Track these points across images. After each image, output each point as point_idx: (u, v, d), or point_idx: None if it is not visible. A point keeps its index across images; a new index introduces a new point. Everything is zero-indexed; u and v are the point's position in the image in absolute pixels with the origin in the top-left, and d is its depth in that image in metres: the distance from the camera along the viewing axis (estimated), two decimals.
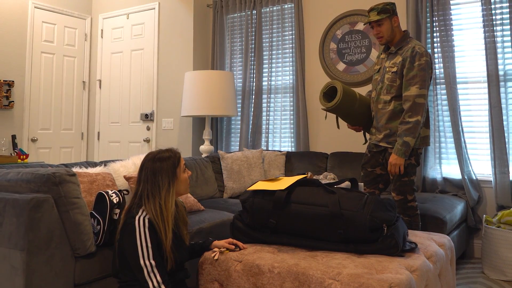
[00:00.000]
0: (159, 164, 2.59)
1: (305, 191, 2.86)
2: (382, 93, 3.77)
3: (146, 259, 2.40)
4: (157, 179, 2.56)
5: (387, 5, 3.71)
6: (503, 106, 4.64)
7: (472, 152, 4.90)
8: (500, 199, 4.60)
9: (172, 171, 2.61)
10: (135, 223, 2.43)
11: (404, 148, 3.51)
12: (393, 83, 3.70)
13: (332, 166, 5.16)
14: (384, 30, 3.74)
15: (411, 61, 3.59)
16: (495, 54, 4.65)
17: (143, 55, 6.86)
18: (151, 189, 2.54)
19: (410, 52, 3.61)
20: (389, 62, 3.77)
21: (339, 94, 3.68)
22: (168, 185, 2.57)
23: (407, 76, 3.60)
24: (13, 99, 6.40)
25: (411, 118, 3.52)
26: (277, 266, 2.52)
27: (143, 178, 2.58)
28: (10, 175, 2.73)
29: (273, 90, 6.11)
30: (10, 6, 6.40)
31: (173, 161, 2.64)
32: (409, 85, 3.57)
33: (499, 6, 4.67)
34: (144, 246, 2.41)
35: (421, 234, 3.10)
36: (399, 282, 2.23)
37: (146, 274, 2.38)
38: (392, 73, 3.70)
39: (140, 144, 6.82)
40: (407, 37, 3.77)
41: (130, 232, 2.43)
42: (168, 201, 2.55)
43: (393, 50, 3.77)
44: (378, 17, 3.69)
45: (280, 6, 6.03)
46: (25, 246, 2.43)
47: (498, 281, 4.05)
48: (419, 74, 3.56)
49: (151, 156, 2.64)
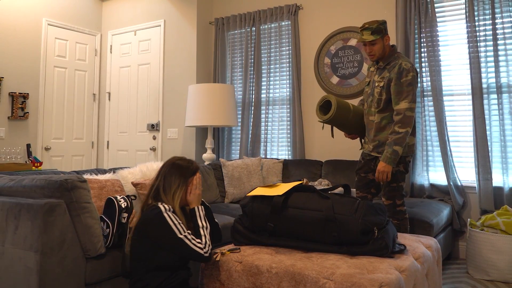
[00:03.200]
0: (175, 168, 2.72)
1: (301, 196, 2.86)
2: (372, 105, 3.77)
3: (181, 232, 2.52)
4: (170, 178, 2.69)
5: (380, 24, 3.64)
6: (486, 117, 4.66)
7: (457, 160, 4.90)
8: (484, 204, 4.61)
9: (184, 177, 2.72)
10: (162, 210, 2.54)
11: (393, 157, 3.51)
12: (381, 97, 3.69)
13: (326, 173, 5.17)
14: (376, 49, 3.68)
15: (398, 77, 3.56)
16: (478, 68, 4.67)
17: (150, 69, 6.88)
18: (164, 185, 2.69)
19: (397, 68, 3.59)
20: (378, 77, 3.75)
21: (333, 108, 3.69)
22: (177, 187, 2.68)
23: (395, 92, 3.58)
24: (28, 110, 6.41)
25: (401, 129, 3.51)
26: (275, 266, 2.52)
27: (160, 174, 2.74)
28: (25, 182, 2.74)
29: (271, 102, 6.13)
30: (25, 23, 6.43)
31: (188, 170, 2.75)
32: (399, 100, 3.56)
33: (483, 23, 4.70)
34: (177, 223, 2.53)
35: (410, 236, 3.10)
36: (389, 282, 2.23)
37: (188, 242, 2.51)
38: (380, 87, 3.70)
39: (146, 153, 6.82)
40: (395, 52, 3.73)
41: (160, 218, 2.52)
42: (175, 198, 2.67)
43: (382, 66, 3.74)
44: (372, 38, 3.62)
45: (277, 23, 6.05)
46: (39, 248, 2.43)
47: (482, 280, 4.05)
48: (406, 89, 3.54)
49: (172, 160, 2.79)
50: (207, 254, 2.55)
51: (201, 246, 2.53)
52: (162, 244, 2.52)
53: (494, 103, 4.65)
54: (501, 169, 4.60)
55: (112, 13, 7.40)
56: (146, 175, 4.01)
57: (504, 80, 4.59)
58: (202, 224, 2.66)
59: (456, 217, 4.75)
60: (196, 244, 2.53)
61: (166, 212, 2.55)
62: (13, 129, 6.24)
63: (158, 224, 2.52)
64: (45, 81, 6.68)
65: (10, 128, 6.20)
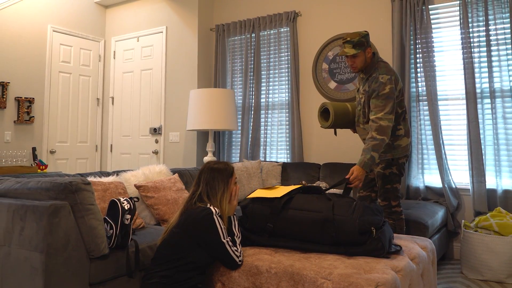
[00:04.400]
0: (216, 172, 2.79)
1: (301, 198, 2.88)
2: (360, 115, 3.73)
3: (224, 237, 2.60)
4: (213, 183, 2.75)
5: (362, 37, 3.54)
6: (480, 121, 4.67)
7: (451, 163, 4.91)
8: (477, 205, 4.61)
9: (226, 180, 2.80)
10: (212, 212, 2.62)
11: (370, 162, 3.37)
12: (365, 110, 3.66)
13: (324, 175, 5.17)
14: (358, 62, 3.60)
15: (377, 92, 3.48)
16: (472, 74, 4.68)
17: (152, 74, 6.89)
18: (210, 191, 2.74)
19: (375, 83, 3.51)
20: (362, 88, 3.71)
21: (332, 116, 3.70)
22: (222, 191, 2.76)
23: (373, 105, 3.49)
24: (33, 115, 6.42)
25: (378, 136, 3.40)
26: (274, 267, 2.53)
27: (202, 181, 2.79)
28: (31, 184, 2.74)
29: (270, 106, 6.13)
30: (31, 30, 6.44)
31: (227, 172, 2.82)
32: (376, 113, 3.46)
33: (476, 30, 4.71)
34: (222, 228, 2.62)
35: (405, 237, 3.11)
36: (385, 281, 2.23)
37: (228, 248, 2.60)
38: (364, 100, 3.67)
39: (149, 156, 6.83)
40: (375, 63, 3.63)
41: (210, 220, 2.59)
42: (223, 203, 2.74)
43: (365, 77, 3.68)
44: (353, 51, 3.54)
45: (276, 30, 6.07)
46: (44, 249, 2.44)
47: (476, 280, 4.05)
48: (383, 103, 3.45)
49: (209, 165, 2.84)
50: (241, 262, 2.64)
51: (237, 254, 2.63)
52: (204, 244, 2.60)
53: (487, 107, 4.66)
54: (494, 172, 4.61)
55: (115, 20, 7.41)
56: (149, 177, 4.02)
57: (497, 85, 4.60)
58: (236, 233, 2.77)
59: (451, 218, 4.76)
60: (234, 251, 2.62)
61: (215, 215, 2.62)
62: (19, 133, 6.25)
63: (207, 225, 2.59)
64: (50, 86, 6.69)
65: (16, 132, 6.21)
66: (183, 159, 6.44)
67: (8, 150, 6.09)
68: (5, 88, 6.05)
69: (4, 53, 6.11)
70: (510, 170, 4.54)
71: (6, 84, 6.05)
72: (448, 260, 4.78)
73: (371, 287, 2.21)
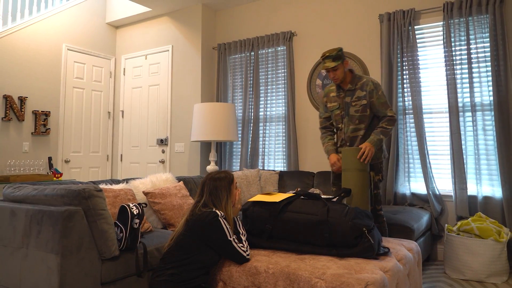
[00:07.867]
0: (218, 181, 2.83)
1: (298, 202, 2.91)
2: (353, 123, 3.79)
3: (230, 236, 2.66)
4: (217, 192, 2.80)
5: (338, 51, 3.70)
6: (462, 132, 4.68)
7: (435, 171, 4.92)
8: (459, 211, 4.62)
9: (228, 187, 2.84)
10: (218, 215, 2.67)
11: (379, 142, 3.61)
12: (365, 113, 3.75)
13: (318, 183, 5.18)
14: (339, 74, 3.73)
15: (377, 91, 3.71)
16: (455, 89, 4.70)
17: (159, 89, 6.91)
18: (215, 199, 2.78)
19: (371, 85, 3.73)
20: (351, 98, 3.79)
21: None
22: (226, 198, 2.80)
23: (380, 104, 3.71)
24: (49, 127, 6.44)
25: (388, 126, 3.68)
26: (271, 267, 2.54)
27: (206, 191, 2.83)
28: (47, 191, 2.75)
29: (268, 119, 6.15)
30: (47, 49, 6.48)
31: (227, 180, 2.86)
32: (386, 109, 3.72)
33: (459, 48, 4.74)
34: (228, 228, 2.67)
35: (393, 240, 3.11)
36: (374, 281, 2.24)
37: (235, 245, 2.66)
38: (362, 105, 3.73)
39: (156, 165, 6.83)
40: (355, 74, 3.83)
41: (216, 222, 2.64)
42: (228, 208, 2.79)
43: (352, 87, 3.79)
44: (334, 64, 3.67)
45: (274, 48, 6.10)
46: (60, 251, 2.45)
47: (458, 280, 4.05)
48: (386, 98, 3.75)
49: (211, 175, 2.88)
50: (248, 256, 2.69)
51: (244, 249, 2.68)
52: (212, 243, 2.64)
53: (469, 120, 4.68)
54: (475, 180, 4.61)
55: (125, 39, 7.45)
56: (156, 185, 4.02)
57: (478, 99, 4.62)
58: (241, 231, 2.81)
59: (435, 222, 4.76)
60: (240, 247, 2.67)
61: (221, 217, 2.66)
62: (36, 143, 6.26)
63: (214, 226, 2.62)
64: (65, 100, 6.71)
65: (33, 143, 6.22)
66: (187, 168, 6.45)
67: (26, 159, 6.10)
68: (24, 102, 6.07)
69: (22, 69, 6.14)
70: (490, 178, 4.55)
71: (24, 98, 6.07)
72: (433, 261, 4.77)
73: (361, 286, 2.22)
